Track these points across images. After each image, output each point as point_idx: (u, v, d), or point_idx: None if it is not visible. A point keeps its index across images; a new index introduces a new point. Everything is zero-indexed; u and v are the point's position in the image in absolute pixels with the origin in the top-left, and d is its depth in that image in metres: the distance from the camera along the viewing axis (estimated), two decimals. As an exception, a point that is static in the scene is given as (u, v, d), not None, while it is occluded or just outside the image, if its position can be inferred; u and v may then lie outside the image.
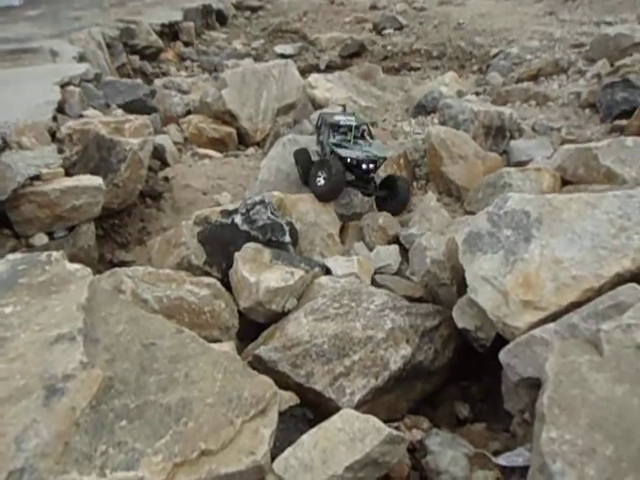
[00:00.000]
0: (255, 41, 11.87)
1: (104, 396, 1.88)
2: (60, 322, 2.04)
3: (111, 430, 1.80)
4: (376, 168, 4.29)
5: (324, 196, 4.18)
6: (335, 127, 4.45)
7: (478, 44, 9.37)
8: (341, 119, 4.51)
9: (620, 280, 2.42)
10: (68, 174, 4.38)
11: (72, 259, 3.59)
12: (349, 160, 4.15)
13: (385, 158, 4.32)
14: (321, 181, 4.18)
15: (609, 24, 8.81)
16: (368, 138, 4.51)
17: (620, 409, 1.61)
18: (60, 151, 4.61)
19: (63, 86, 5.78)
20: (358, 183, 4.39)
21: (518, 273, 2.59)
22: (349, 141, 4.32)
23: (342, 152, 4.21)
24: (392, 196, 4.41)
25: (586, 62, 7.24)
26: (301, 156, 4.65)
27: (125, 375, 1.99)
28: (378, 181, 4.54)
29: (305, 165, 4.55)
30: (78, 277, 2.33)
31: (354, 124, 4.42)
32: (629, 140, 4.05)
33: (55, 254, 2.46)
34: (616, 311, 2.09)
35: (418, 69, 9.38)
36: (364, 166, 4.18)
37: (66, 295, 2.19)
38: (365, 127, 4.59)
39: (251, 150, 6.71)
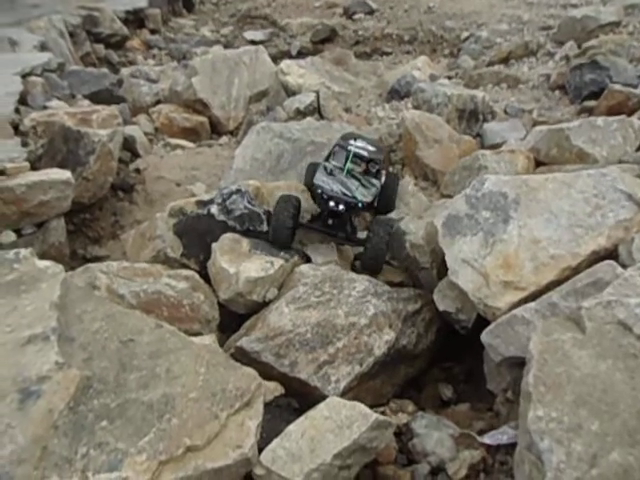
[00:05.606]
0: (224, 27, 11.59)
1: (82, 396, 1.81)
2: (32, 322, 1.95)
3: (91, 431, 1.74)
4: (347, 211, 3.43)
5: (274, 243, 3.44)
6: (343, 150, 3.69)
7: (449, 28, 9.36)
8: (354, 144, 3.71)
9: (596, 258, 2.46)
10: (34, 168, 4.20)
11: (43, 256, 3.46)
12: (318, 190, 3.43)
13: (364, 204, 3.46)
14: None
15: (575, 6, 8.90)
16: (376, 181, 3.66)
17: (604, 384, 1.63)
18: (24, 144, 4.42)
19: (24, 76, 5.53)
20: (323, 226, 3.52)
21: (498, 254, 2.61)
22: (342, 170, 3.55)
23: (317, 179, 3.48)
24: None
25: (554, 44, 7.31)
26: (309, 172, 3.97)
27: (104, 374, 1.92)
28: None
29: (308, 182, 3.88)
30: (49, 275, 2.23)
31: (364, 154, 3.63)
32: (599, 120, 4.10)
33: (24, 251, 2.35)
34: (595, 288, 2.13)
35: (390, 54, 9.33)
36: (331, 203, 3.38)
37: (37, 294, 2.10)
38: (377, 164, 3.69)
39: (224, 139, 6.57)
